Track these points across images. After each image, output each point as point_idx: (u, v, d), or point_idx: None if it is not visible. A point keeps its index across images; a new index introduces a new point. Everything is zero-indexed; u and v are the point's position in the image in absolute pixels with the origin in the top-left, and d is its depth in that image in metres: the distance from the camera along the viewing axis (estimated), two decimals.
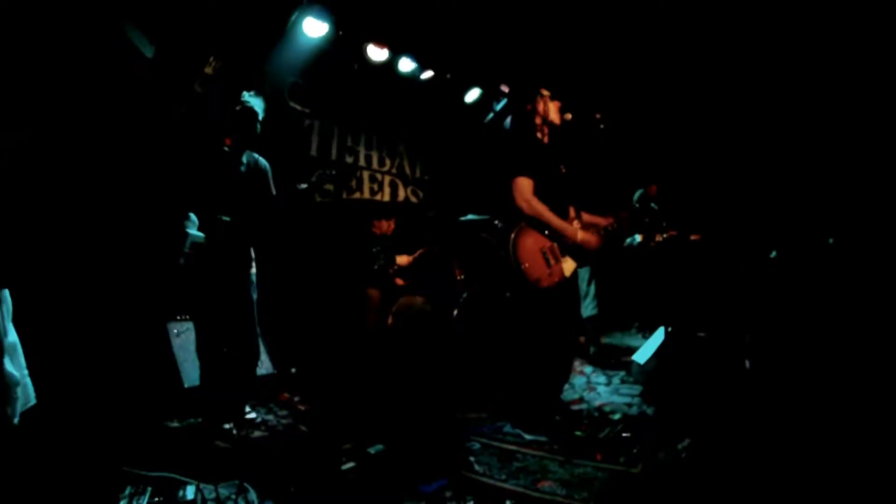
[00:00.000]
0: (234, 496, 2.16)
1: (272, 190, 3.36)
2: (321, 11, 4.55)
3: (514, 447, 2.88)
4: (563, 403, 3.41)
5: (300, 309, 4.68)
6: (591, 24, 5.29)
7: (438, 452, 2.78)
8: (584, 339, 4.80)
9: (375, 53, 5.11)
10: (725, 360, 3.71)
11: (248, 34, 4.28)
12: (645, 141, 6.34)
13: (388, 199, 6.17)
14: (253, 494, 2.18)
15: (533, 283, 2.99)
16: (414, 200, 6.47)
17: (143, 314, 3.15)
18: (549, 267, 3.02)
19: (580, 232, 3.09)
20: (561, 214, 3.13)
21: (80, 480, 2.07)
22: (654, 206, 5.63)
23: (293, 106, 5.25)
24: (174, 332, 3.52)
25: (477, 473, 2.54)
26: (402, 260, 5.29)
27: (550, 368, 3.21)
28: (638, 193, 5.81)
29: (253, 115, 3.13)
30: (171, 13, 3.60)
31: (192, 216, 2.89)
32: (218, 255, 3.01)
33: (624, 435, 2.94)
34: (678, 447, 2.70)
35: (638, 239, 5.57)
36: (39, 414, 2.13)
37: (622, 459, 2.62)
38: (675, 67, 5.73)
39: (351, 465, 2.53)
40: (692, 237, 5.37)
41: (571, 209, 3.25)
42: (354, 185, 5.84)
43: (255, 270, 3.33)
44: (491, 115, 6.46)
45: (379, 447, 2.75)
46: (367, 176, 6.00)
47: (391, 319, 4.71)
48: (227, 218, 3.00)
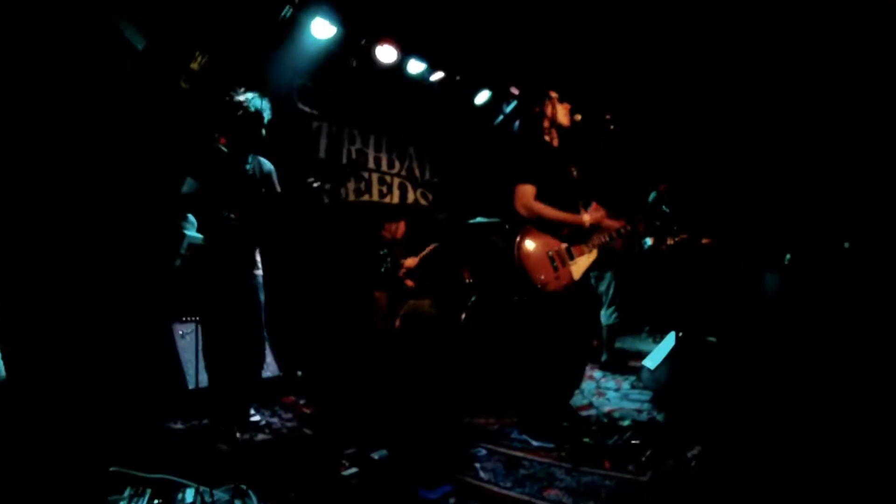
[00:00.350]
0: (234, 500, 2.14)
1: (278, 192, 3.34)
2: (329, 12, 4.54)
3: (520, 454, 2.84)
4: (571, 409, 3.36)
5: (307, 311, 4.66)
6: (601, 24, 5.24)
7: (443, 458, 2.74)
8: (597, 342, 4.75)
9: (384, 55, 5.10)
10: (737, 365, 3.65)
11: (238, 30, 4.21)
12: (656, 143, 6.28)
13: (397, 201, 6.15)
14: (253, 498, 2.16)
15: (539, 287, 2.95)
16: (423, 203, 6.45)
17: (141, 315, 3.13)
18: (555, 270, 2.98)
19: (586, 216, 3.08)
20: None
21: (76, 481, 2.05)
22: (665, 208, 5.57)
23: (302, 108, 5.25)
24: (179, 333, 3.51)
25: (482, 480, 2.51)
26: (409, 262, 5.27)
27: (559, 374, 3.17)
28: (652, 196, 5.75)
29: (258, 117, 3.09)
30: (161, 6, 3.55)
31: (190, 217, 2.87)
32: (224, 256, 3.00)
33: (633, 442, 2.89)
34: (688, 455, 2.65)
35: (649, 242, 5.51)
36: (38, 414, 2.12)
37: (631, 467, 2.58)
38: (686, 69, 5.67)
39: (354, 470, 2.50)
40: (704, 241, 5.30)
41: (583, 212, 3.20)
42: (363, 187, 5.83)
43: (261, 272, 3.30)
44: (500, 117, 6.43)
45: (383, 452, 2.72)
46: (375, 178, 5.98)
47: (398, 322, 4.69)
48: (233, 216, 2.97)
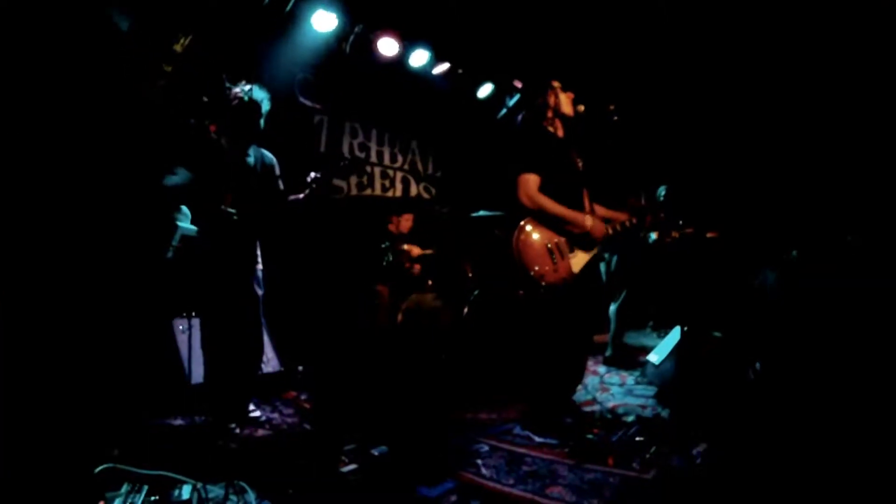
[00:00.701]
0: (231, 496, 2.11)
1: (280, 185, 3.31)
2: (331, 4, 4.49)
3: (523, 450, 2.81)
4: (574, 405, 3.33)
5: (308, 306, 4.63)
6: (606, 14, 5.18)
7: (445, 454, 2.71)
8: (602, 336, 4.72)
9: (387, 48, 5.04)
10: (742, 361, 3.61)
11: (225, 12, 4.14)
12: (661, 135, 6.21)
13: (399, 195, 6.13)
14: (251, 494, 2.13)
15: (536, 278, 2.90)
16: (426, 197, 6.43)
17: (135, 308, 3.09)
18: (554, 263, 2.93)
19: (589, 218, 3.00)
20: (576, 208, 3.04)
21: (73, 476, 2.03)
22: (670, 202, 5.50)
23: (303, 102, 5.21)
24: (179, 328, 3.49)
25: (484, 477, 2.47)
26: (413, 248, 5.23)
27: (562, 369, 3.14)
28: (662, 189, 5.68)
29: (255, 107, 3.06)
30: None
31: (183, 209, 2.83)
32: (222, 250, 2.96)
33: (637, 438, 2.86)
34: (693, 452, 2.62)
35: (653, 236, 5.45)
36: (34, 409, 2.09)
37: (635, 464, 2.54)
38: (692, 61, 5.60)
39: (353, 466, 2.47)
40: (709, 235, 5.24)
41: (588, 203, 3.15)
42: (366, 181, 5.80)
43: (261, 266, 3.27)
44: (504, 110, 6.39)
45: (383, 448, 2.69)
46: (378, 172, 5.96)
47: (401, 317, 4.66)
48: (232, 210, 2.94)
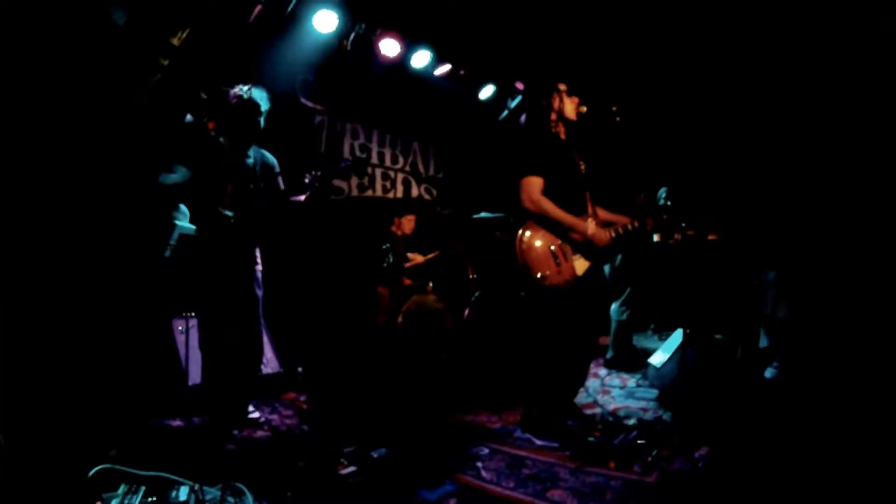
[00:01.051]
0: (229, 498, 2.10)
1: (280, 186, 3.30)
2: (332, 4, 4.48)
3: (523, 453, 2.79)
4: (575, 407, 3.30)
5: (308, 307, 4.62)
6: (607, 15, 5.16)
7: (444, 457, 2.69)
8: (603, 340, 4.69)
9: (388, 48, 5.03)
10: (744, 363, 3.59)
11: (228, 11, 4.12)
12: (663, 136, 6.19)
13: (400, 196, 6.12)
14: (249, 497, 2.11)
15: (538, 280, 2.88)
16: (427, 198, 6.42)
17: (133, 307, 3.08)
18: (558, 265, 2.91)
19: (591, 226, 2.96)
20: (579, 212, 3.01)
21: (71, 477, 2.02)
22: (671, 204, 5.48)
23: (304, 103, 5.21)
24: (179, 329, 3.47)
25: (484, 480, 2.45)
26: (415, 258, 5.22)
27: (565, 371, 3.11)
28: (662, 191, 5.66)
29: (254, 106, 3.04)
30: None
31: (182, 207, 2.81)
32: (221, 250, 2.95)
33: (639, 442, 2.83)
34: (695, 455, 2.60)
35: (655, 238, 5.43)
36: (33, 410, 2.08)
37: (637, 468, 2.52)
38: (693, 62, 5.58)
39: (352, 468, 2.46)
40: (710, 237, 5.22)
41: (590, 206, 3.13)
42: (367, 182, 5.79)
43: (260, 267, 3.26)
44: (505, 112, 6.38)
45: (382, 451, 2.67)
46: (379, 173, 5.95)
47: (401, 318, 4.64)
48: (229, 213, 2.92)
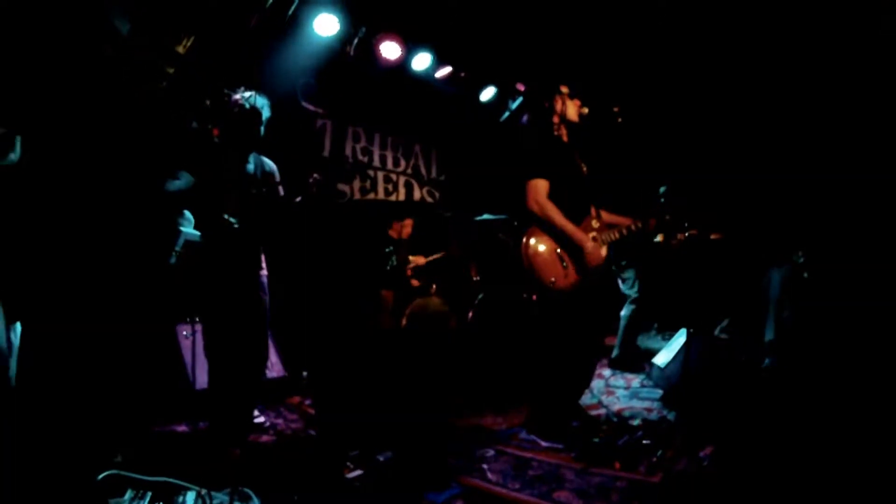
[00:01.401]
0: (236, 502, 2.10)
1: (280, 192, 3.29)
2: (333, 8, 4.49)
3: (529, 454, 2.80)
4: (580, 409, 3.31)
5: (312, 311, 4.62)
6: (608, 15, 5.17)
7: (450, 459, 2.70)
8: (609, 340, 4.69)
9: (389, 51, 5.04)
10: (748, 363, 3.59)
11: (233, 19, 4.12)
12: (665, 136, 6.18)
13: (402, 199, 6.12)
14: (256, 501, 2.12)
15: (548, 284, 2.89)
16: (430, 201, 6.43)
17: (137, 314, 3.09)
18: (564, 269, 2.92)
19: (590, 243, 2.91)
20: (582, 214, 3.02)
21: (78, 483, 2.03)
22: (675, 204, 5.47)
23: (306, 106, 5.22)
24: (184, 334, 3.49)
25: (490, 482, 2.46)
26: (417, 259, 5.23)
27: (569, 373, 3.12)
28: (662, 190, 5.66)
29: (256, 115, 3.02)
30: None
31: (186, 214, 2.82)
32: (225, 256, 2.96)
33: (644, 442, 2.83)
34: (700, 455, 2.60)
35: (658, 238, 5.43)
36: (40, 416, 2.09)
37: (642, 468, 2.52)
38: (695, 62, 5.58)
39: (359, 472, 2.46)
40: (713, 236, 5.22)
41: (593, 208, 3.13)
42: (369, 185, 5.80)
43: (265, 272, 3.27)
44: (507, 113, 6.38)
45: (388, 454, 2.67)
46: (381, 176, 5.96)
47: (405, 321, 4.65)
48: (233, 220, 2.92)
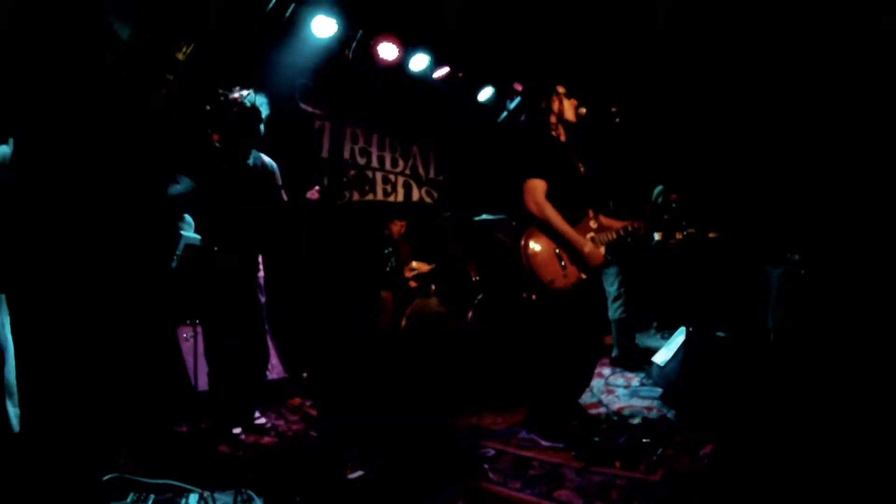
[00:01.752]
0: None
1: (281, 192, 3.30)
2: (330, 9, 4.50)
3: (529, 454, 2.80)
4: (580, 408, 3.32)
5: (312, 312, 4.63)
6: (606, 15, 5.18)
7: (451, 459, 2.70)
8: (609, 339, 4.69)
9: (387, 52, 5.05)
10: (747, 361, 3.59)
11: (227, 19, 4.14)
12: (663, 136, 6.20)
13: (401, 200, 6.13)
14: (258, 502, 2.13)
15: (546, 283, 2.90)
16: (428, 201, 6.43)
17: (142, 317, 3.10)
18: (563, 268, 2.93)
19: (588, 245, 2.94)
20: (578, 215, 3.03)
21: (80, 485, 2.03)
22: (673, 204, 5.48)
23: (304, 107, 5.22)
24: (184, 336, 3.49)
25: (491, 482, 2.46)
26: (421, 267, 5.22)
27: (569, 372, 3.12)
28: (658, 189, 5.67)
29: (255, 113, 3.05)
30: None
31: (187, 217, 2.83)
32: (224, 257, 2.96)
33: (644, 440, 2.84)
34: (700, 453, 2.60)
35: (656, 237, 5.43)
36: (40, 420, 2.10)
37: (642, 467, 2.53)
38: (692, 62, 5.59)
39: (360, 472, 2.47)
40: (711, 235, 5.23)
41: (590, 210, 3.14)
42: (367, 186, 5.80)
43: (262, 274, 3.27)
44: (504, 113, 6.39)
45: (389, 454, 2.68)
46: (380, 177, 5.96)
47: (405, 322, 4.65)
48: (234, 222, 2.93)
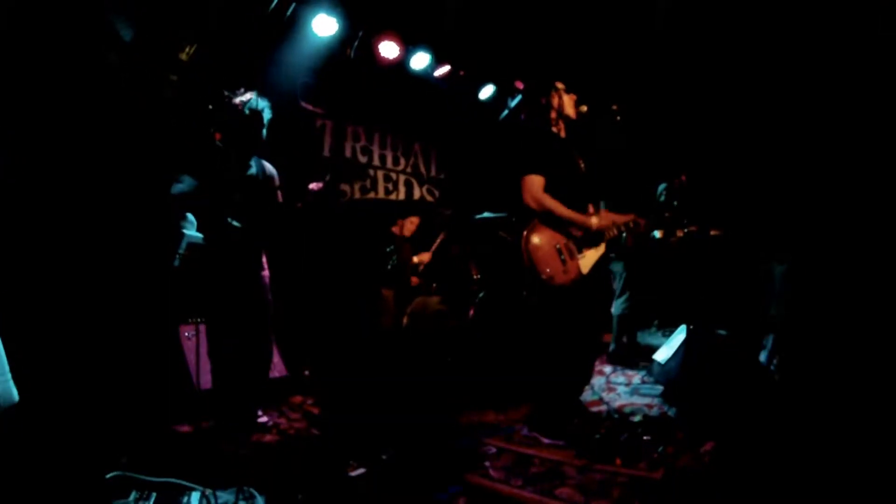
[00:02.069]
0: (241, 502, 2.12)
1: (279, 197, 3.30)
2: (331, 8, 4.50)
3: (531, 451, 2.80)
4: (581, 405, 3.32)
5: (313, 310, 4.64)
6: (606, 13, 5.17)
7: (453, 457, 2.71)
8: (608, 337, 4.70)
9: (388, 51, 5.05)
10: (748, 359, 3.58)
11: (230, 19, 4.15)
12: (664, 133, 6.19)
13: (402, 198, 6.14)
14: (260, 501, 2.14)
15: (546, 280, 2.90)
16: (430, 199, 6.44)
17: (145, 316, 3.11)
18: (563, 264, 2.93)
19: (594, 219, 2.99)
20: (580, 210, 3.03)
21: (83, 484, 2.04)
22: (675, 202, 5.48)
23: (305, 106, 5.22)
24: (186, 334, 3.50)
25: (493, 479, 2.47)
26: (422, 257, 5.24)
27: (569, 369, 3.13)
28: (661, 187, 5.66)
29: (258, 118, 3.03)
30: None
31: (189, 217, 2.83)
32: (228, 258, 2.97)
33: (644, 438, 2.84)
34: (701, 451, 2.61)
35: (657, 235, 5.43)
36: (39, 417, 2.10)
37: (643, 464, 2.53)
38: (693, 59, 5.59)
39: (362, 470, 2.47)
40: (712, 232, 5.23)
41: (591, 206, 3.15)
42: (369, 184, 5.81)
43: (267, 273, 3.28)
44: (506, 111, 6.39)
45: (391, 452, 2.68)
46: (381, 175, 5.97)
47: (406, 320, 4.66)
48: (236, 223, 2.94)
